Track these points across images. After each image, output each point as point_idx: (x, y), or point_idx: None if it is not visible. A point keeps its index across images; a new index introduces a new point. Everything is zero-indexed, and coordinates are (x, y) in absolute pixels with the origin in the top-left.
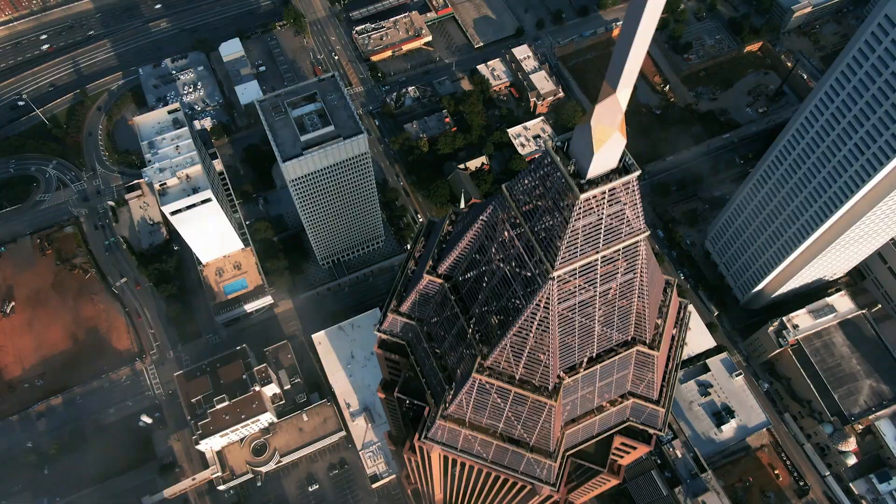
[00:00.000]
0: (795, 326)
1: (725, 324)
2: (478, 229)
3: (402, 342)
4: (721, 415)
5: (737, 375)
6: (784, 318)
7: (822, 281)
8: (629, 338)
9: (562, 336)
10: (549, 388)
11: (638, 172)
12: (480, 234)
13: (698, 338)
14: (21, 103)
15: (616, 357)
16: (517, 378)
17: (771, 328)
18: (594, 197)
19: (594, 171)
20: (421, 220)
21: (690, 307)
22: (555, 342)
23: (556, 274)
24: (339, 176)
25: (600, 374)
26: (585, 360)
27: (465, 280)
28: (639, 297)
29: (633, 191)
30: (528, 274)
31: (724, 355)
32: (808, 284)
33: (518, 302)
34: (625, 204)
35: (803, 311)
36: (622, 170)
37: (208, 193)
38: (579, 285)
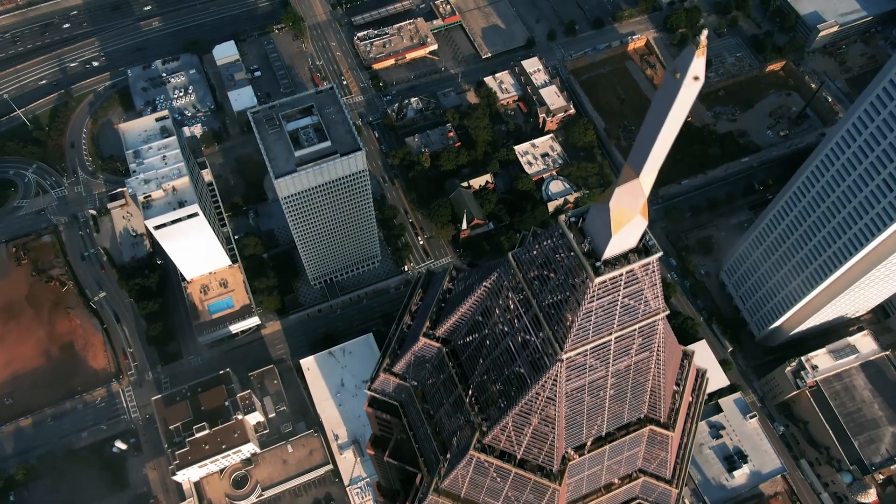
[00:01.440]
0: (814, 367)
1: (740, 361)
2: (481, 295)
3: (395, 402)
4: (733, 459)
5: (751, 417)
6: (803, 358)
7: (844, 318)
8: (642, 415)
9: (569, 415)
10: (553, 469)
11: (659, 254)
12: (483, 300)
13: (711, 375)
14: None
15: (627, 436)
16: (518, 458)
17: (788, 368)
18: (610, 279)
19: (611, 251)
20: (421, 270)
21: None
22: (561, 422)
23: (565, 356)
24: (335, 194)
25: (610, 452)
26: (594, 437)
27: (465, 345)
28: (654, 374)
29: (654, 271)
30: (535, 350)
31: (737, 395)
32: (828, 322)
33: (522, 377)
34: (643, 284)
35: (823, 350)
36: (642, 250)
37: (195, 208)
38: (590, 364)
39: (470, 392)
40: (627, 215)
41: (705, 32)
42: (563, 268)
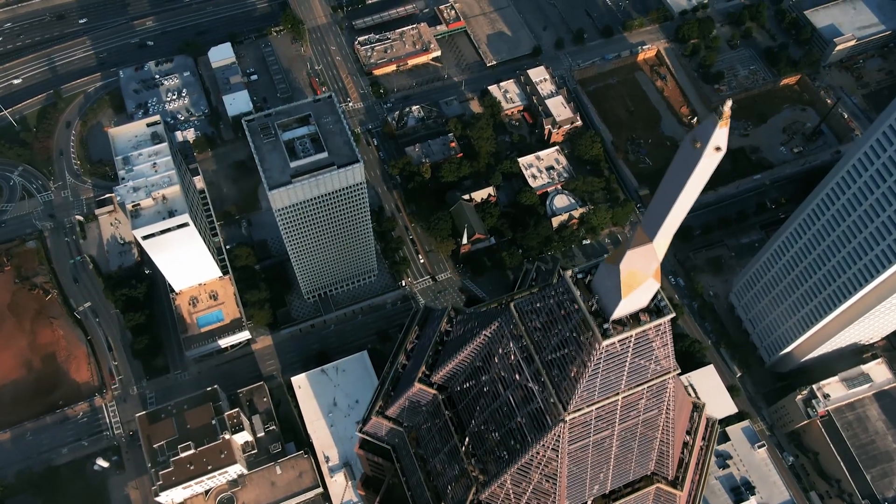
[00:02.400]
0: (826, 396)
1: (749, 387)
2: (480, 344)
3: (387, 447)
4: (740, 491)
5: (759, 447)
6: (814, 386)
7: (857, 345)
8: (649, 472)
9: (572, 472)
10: None
11: (671, 315)
12: (483, 350)
13: (718, 402)
14: None
15: (633, 494)
16: None
17: (799, 396)
18: (619, 341)
19: (620, 312)
20: (414, 306)
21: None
22: (563, 480)
23: (569, 418)
24: (331, 207)
25: None
26: (598, 495)
27: (462, 393)
28: (663, 431)
29: (665, 331)
30: (536, 408)
31: (745, 423)
32: (840, 348)
33: (522, 432)
34: (654, 343)
35: (835, 378)
36: (653, 310)
37: (185, 218)
38: (595, 424)
39: (466, 441)
40: (639, 278)
41: (729, 103)
42: (569, 324)
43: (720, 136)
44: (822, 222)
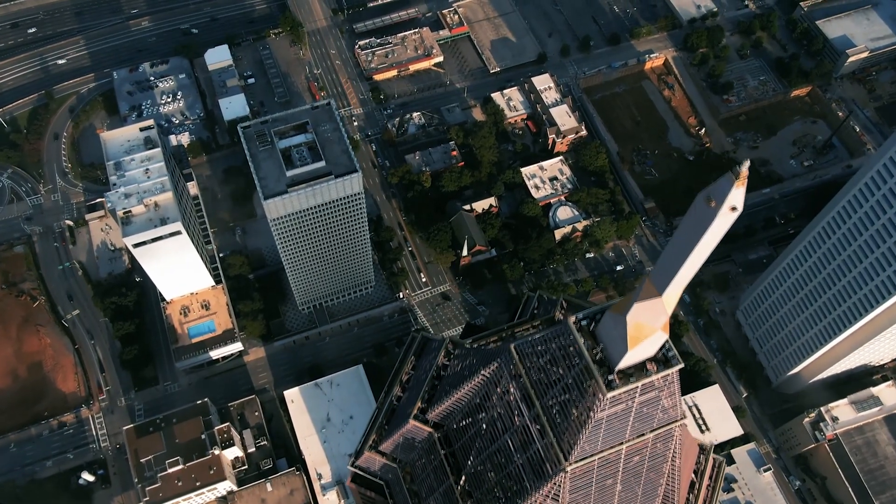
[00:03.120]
0: (835, 419)
1: (755, 408)
2: (479, 384)
3: (380, 482)
4: None
5: (765, 470)
6: (822, 409)
7: (867, 366)
8: None
9: None
10: None
11: (680, 366)
12: (481, 390)
13: (723, 423)
14: None
15: None
16: None
17: (807, 419)
18: (625, 392)
19: (626, 363)
20: (410, 334)
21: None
22: None
23: (570, 468)
24: (328, 217)
25: None
26: None
27: (459, 432)
28: (668, 477)
29: (673, 381)
30: (536, 454)
31: (751, 446)
32: (851, 370)
33: (521, 479)
34: (661, 393)
35: (844, 401)
36: (661, 360)
37: (178, 226)
38: (598, 473)
39: (462, 480)
40: (646, 331)
41: (747, 164)
42: (571, 371)
43: (736, 196)
44: (833, 240)
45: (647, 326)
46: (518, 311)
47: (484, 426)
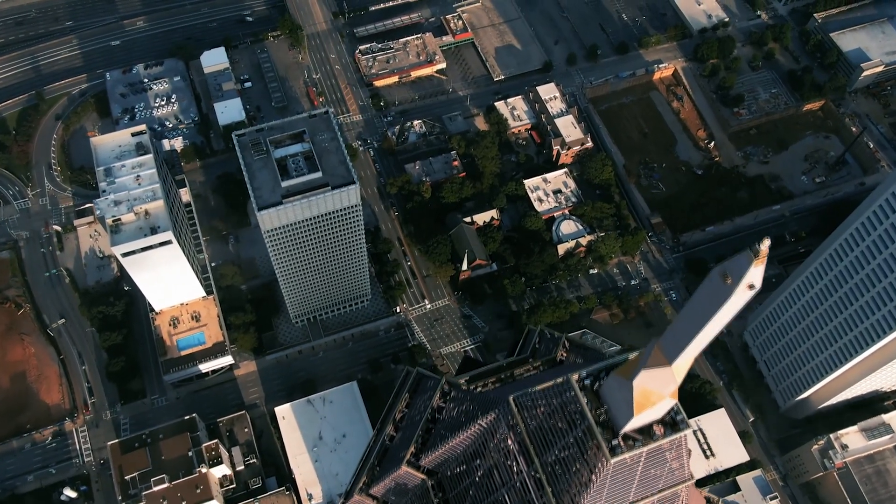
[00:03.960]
0: (844, 447)
1: (762, 433)
2: (475, 434)
3: None
4: None
5: (772, 499)
6: (832, 436)
7: (879, 392)
8: None
9: None
10: None
11: (688, 431)
12: (477, 440)
13: (728, 449)
14: None
15: None
16: None
17: (816, 446)
18: (629, 458)
19: (631, 427)
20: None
21: None
22: None
23: None
24: (324, 229)
25: None
26: None
27: (453, 480)
28: None
29: (681, 444)
30: None
31: (757, 472)
32: (862, 395)
33: None
34: (668, 455)
35: (854, 428)
36: (669, 423)
37: (168, 235)
38: None
39: None
40: (653, 398)
41: (767, 242)
42: (573, 431)
43: (755, 275)
44: (845, 262)
45: (655, 393)
46: (518, 345)
47: (479, 476)
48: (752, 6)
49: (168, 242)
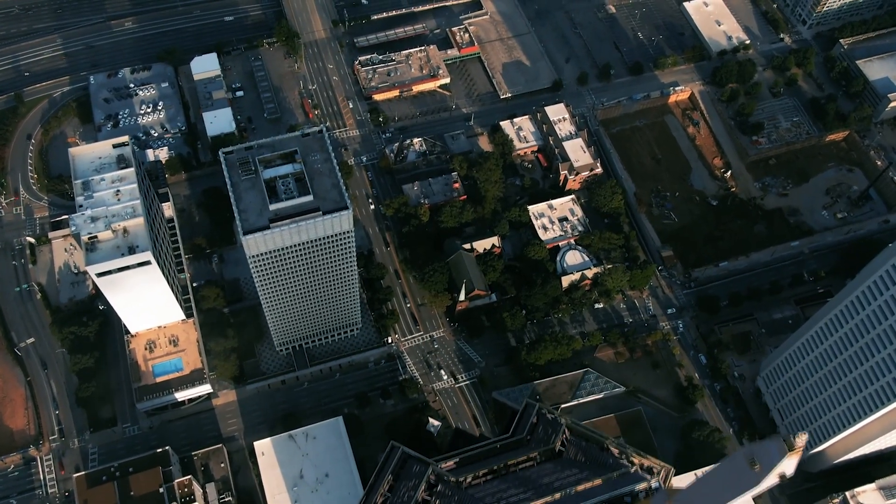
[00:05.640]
0: None
1: (773, 487)
2: None
3: None
4: None
5: None
6: (848, 494)
7: None
8: None
9: None
10: None
11: None
12: None
13: (737, 502)
14: None
15: None
16: None
17: None
18: None
19: None
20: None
21: None
22: None
23: None
24: (313, 255)
25: None
26: None
27: None
28: None
29: None
30: None
31: None
32: (881, 450)
33: None
34: None
35: (872, 486)
36: None
37: (147, 255)
38: None
39: None
40: None
41: (805, 437)
42: None
43: (789, 466)
44: (870, 309)
45: None
46: (514, 421)
47: None
48: (775, 28)
49: (147, 263)
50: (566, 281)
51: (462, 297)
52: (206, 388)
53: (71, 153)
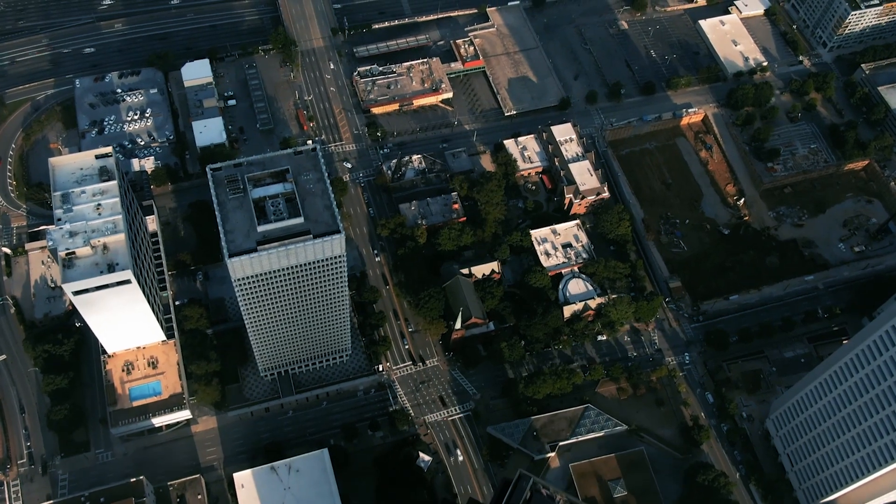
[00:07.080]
0: None
1: None
2: None
3: None
4: None
5: None
6: None
7: None
8: None
9: None
10: None
11: None
12: None
13: None
14: None
15: None
16: None
17: None
18: None
19: None
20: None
21: None
22: None
23: None
24: (303, 280)
25: None
26: None
27: None
28: None
29: None
30: None
31: None
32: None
33: None
34: None
35: None
36: None
37: (128, 274)
38: None
39: None
40: None
41: None
42: None
43: None
44: (888, 355)
45: None
46: (507, 493)
47: None
48: (794, 50)
49: (127, 282)
50: (568, 311)
51: (458, 325)
52: (185, 414)
53: (51, 163)
